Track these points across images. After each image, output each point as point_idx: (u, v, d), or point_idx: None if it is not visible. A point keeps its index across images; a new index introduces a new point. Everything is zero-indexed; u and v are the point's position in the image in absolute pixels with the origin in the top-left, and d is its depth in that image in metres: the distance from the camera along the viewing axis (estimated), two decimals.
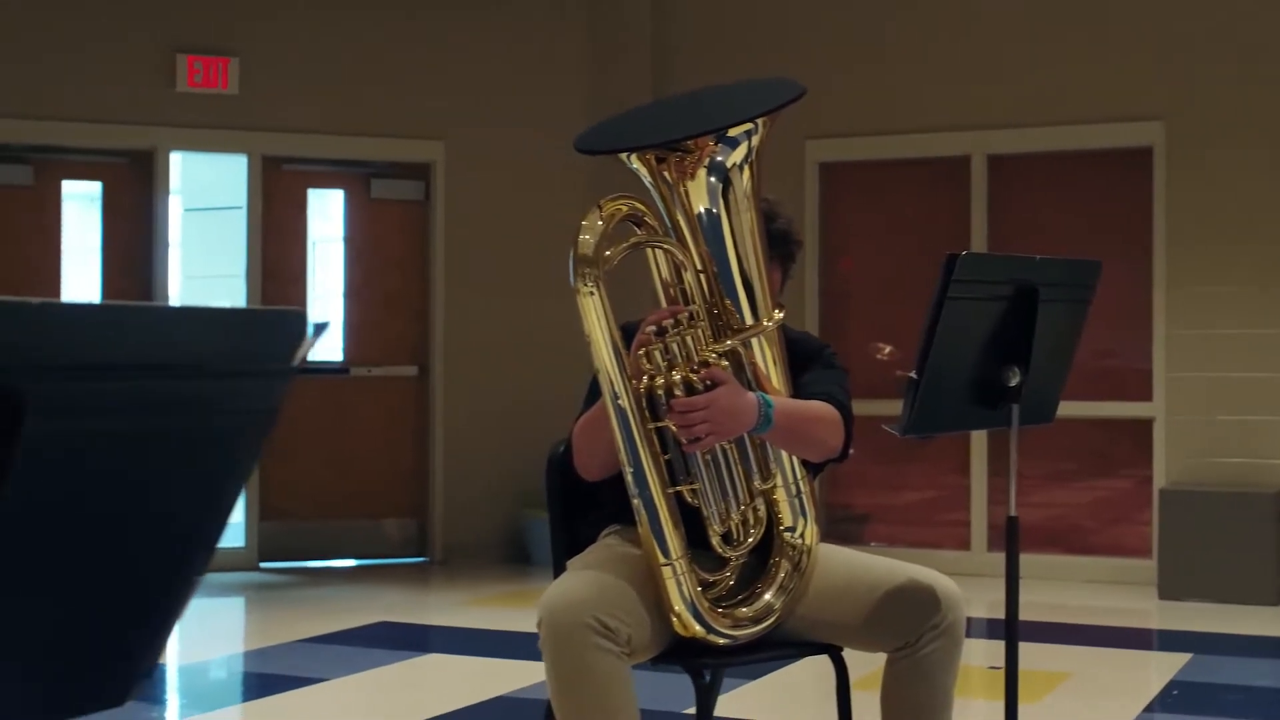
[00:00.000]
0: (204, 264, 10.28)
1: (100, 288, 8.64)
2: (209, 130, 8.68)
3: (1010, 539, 3.27)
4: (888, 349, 8.77)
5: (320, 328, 1.14)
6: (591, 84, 9.15)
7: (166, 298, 8.69)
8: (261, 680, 5.84)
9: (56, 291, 8.66)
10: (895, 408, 3.30)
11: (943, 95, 8.59)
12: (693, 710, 3.29)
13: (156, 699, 5.44)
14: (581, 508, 3.44)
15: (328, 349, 8.97)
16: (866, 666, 3.30)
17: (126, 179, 8.67)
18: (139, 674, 1.18)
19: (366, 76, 8.81)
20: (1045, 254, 3.51)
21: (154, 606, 1.13)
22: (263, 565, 8.57)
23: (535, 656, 2.97)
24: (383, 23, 8.89)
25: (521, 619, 7.00)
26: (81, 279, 8.72)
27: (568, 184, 8.67)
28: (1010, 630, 3.29)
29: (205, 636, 6.71)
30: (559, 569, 3.30)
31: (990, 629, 6.66)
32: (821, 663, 3.25)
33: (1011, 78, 8.48)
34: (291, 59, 8.72)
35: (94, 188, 8.80)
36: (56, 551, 0.98)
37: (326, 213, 9.76)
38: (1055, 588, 7.77)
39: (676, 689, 4.10)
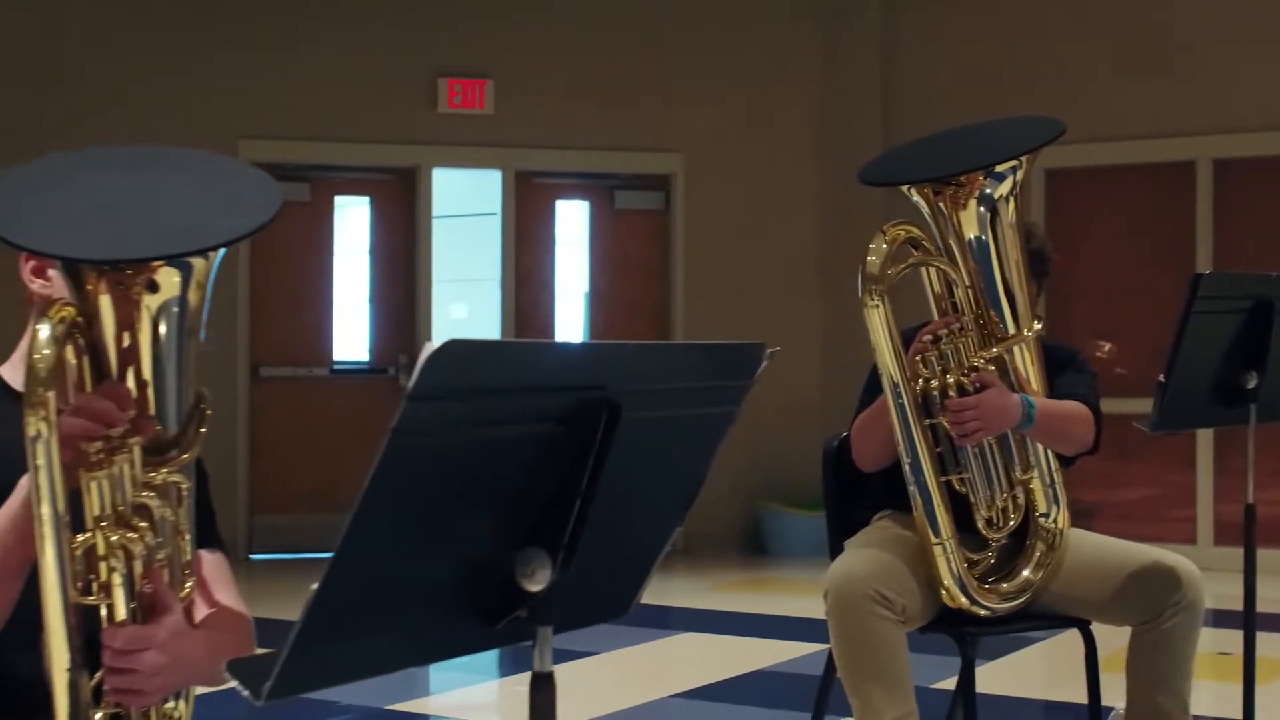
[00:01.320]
0: (457, 269, 10.95)
1: (369, 292, 9.39)
2: (467, 148, 9.36)
3: (1248, 524, 3.64)
4: (1107, 347, 9.02)
5: (772, 352, 1.63)
6: (824, 100, 9.61)
7: (429, 302, 9.37)
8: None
9: (329, 295, 9.42)
10: (1117, 405, 3.71)
11: (1167, 102, 8.82)
12: (946, 684, 3.72)
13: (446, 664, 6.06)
14: (854, 495, 3.89)
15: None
16: (1114, 642, 3.68)
17: (392, 194, 9.40)
18: (638, 595, 1.69)
19: (610, 95, 9.39)
20: (1271, 256, 3.92)
21: (656, 546, 1.65)
22: None
23: (782, 636, 3.44)
24: (626, 44, 9.45)
25: (762, 603, 7.52)
26: (351, 284, 9.49)
27: (799, 194, 9.15)
28: (1248, 605, 3.64)
29: None
30: (835, 550, 3.75)
31: (1217, 619, 6.90)
32: (1070, 637, 3.65)
33: (1235, 83, 8.67)
34: (542, 80, 9.33)
35: (363, 202, 9.55)
36: (630, 497, 1.50)
37: (572, 222, 10.35)
38: None
39: (929, 667, 4.52)
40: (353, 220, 9.63)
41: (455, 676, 6.04)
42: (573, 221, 10.22)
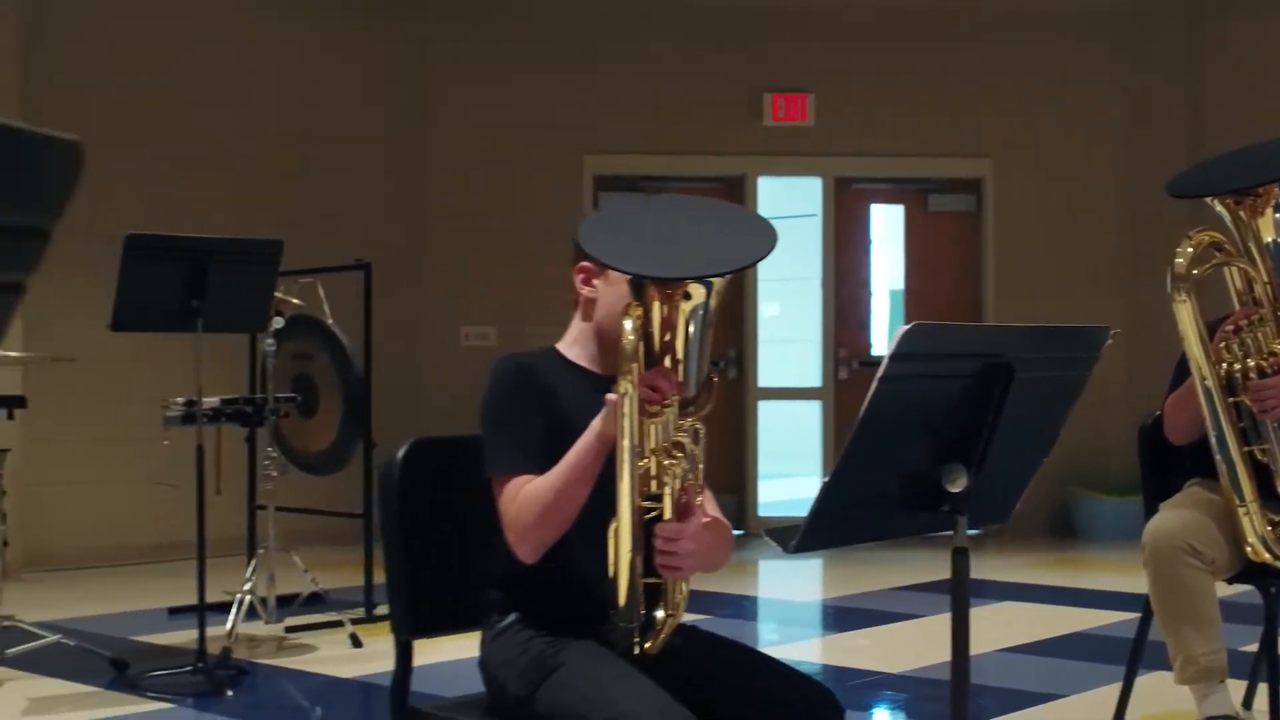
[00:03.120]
0: (778, 268, 11.72)
1: None
2: (790, 157, 10.14)
3: None
4: None
5: (1114, 334, 2.33)
6: (1129, 106, 10.06)
7: (755, 299, 10.17)
8: (869, 615, 7.15)
9: None
10: None
11: None
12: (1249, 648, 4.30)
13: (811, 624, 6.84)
14: (1167, 466, 4.50)
15: (886, 346, 10.27)
16: None
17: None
18: (1015, 506, 2.43)
19: (924, 104, 10.04)
20: None
21: (1030, 470, 2.39)
22: None
23: (1096, 605, 4.05)
24: (938, 56, 10.08)
25: (1076, 579, 8.06)
26: None
27: (1104, 196, 9.64)
28: None
29: (796, 584, 8.14)
30: (1150, 511, 4.37)
31: None
32: None
33: None
34: (859, 92, 10.04)
35: (678, 196, 10.40)
36: (1017, 432, 2.24)
37: (886, 224, 11.02)
38: None
39: (1232, 634, 5.07)
40: None
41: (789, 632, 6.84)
42: (887, 223, 10.89)
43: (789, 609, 7.89)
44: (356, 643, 6.03)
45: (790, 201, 11.05)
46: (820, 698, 2.55)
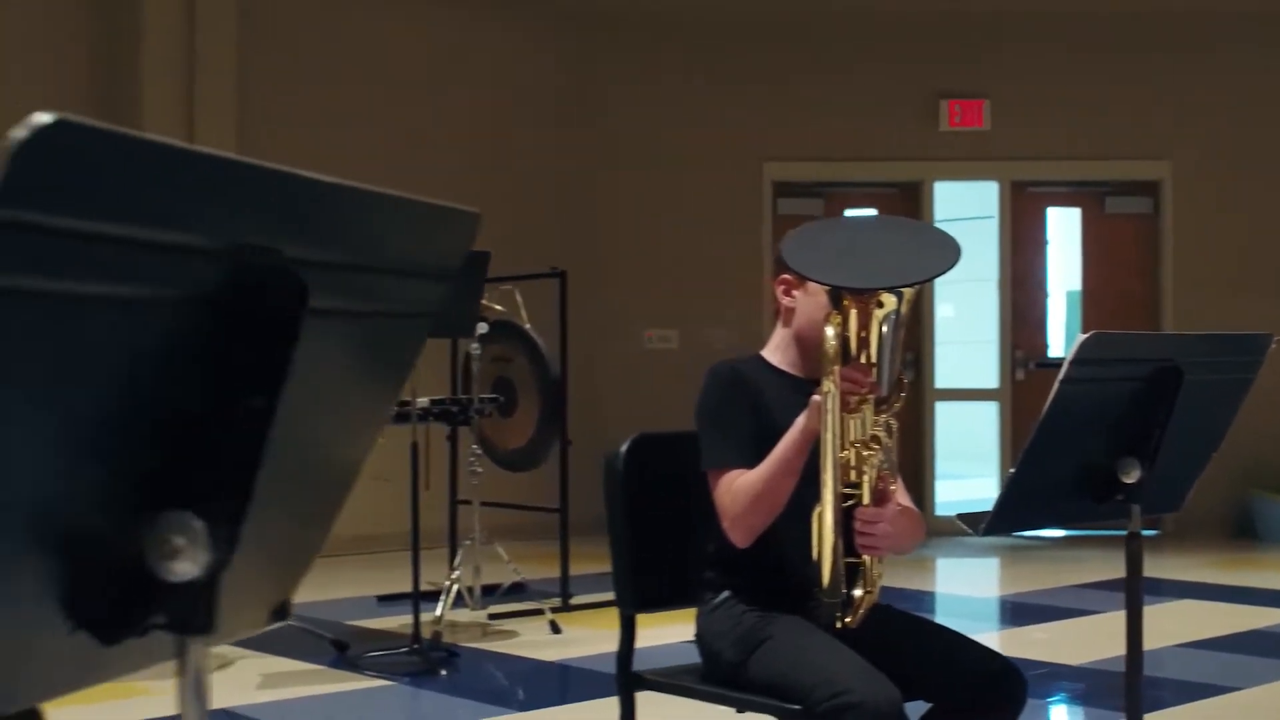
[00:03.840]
0: (956, 270, 11.87)
1: None
2: (966, 162, 10.30)
3: None
4: None
5: (1277, 341, 2.56)
6: None
7: (932, 301, 10.36)
8: (1046, 611, 7.32)
9: None
10: None
11: None
12: None
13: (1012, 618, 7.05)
14: None
15: (1063, 346, 10.36)
16: None
17: (897, 205, 10.45)
18: (1187, 496, 2.66)
19: (1099, 107, 10.13)
20: None
21: (1200, 463, 2.63)
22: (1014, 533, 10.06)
23: (1277, 604, 4.19)
24: (1112, 60, 10.16)
25: (1256, 578, 8.11)
26: None
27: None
28: None
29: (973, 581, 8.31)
30: None
31: None
32: None
33: None
34: (1035, 98, 10.17)
35: (870, 213, 10.63)
36: (1186, 429, 2.48)
37: (1063, 226, 11.10)
38: None
39: None
40: None
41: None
42: (1063, 225, 10.98)
43: (966, 604, 8.08)
44: (556, 629, 6.41)
45: (966, 203, 11.19)
46: (1004, 669, 2.81)
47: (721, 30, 10.33)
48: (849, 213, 10.67)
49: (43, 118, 0.78)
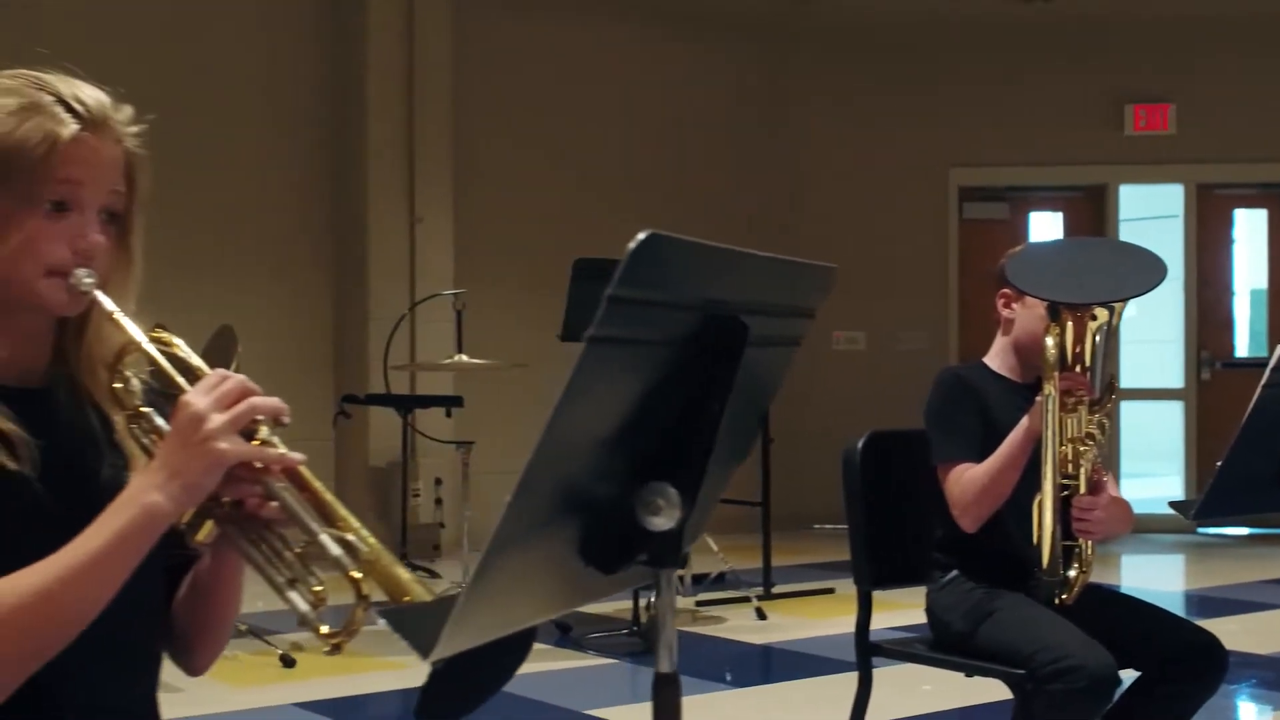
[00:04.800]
0: None
1: None
2: (1151, 166, 10.47)
3: None
4: None
5: None
6: None
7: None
8: (1236, 604, 7.51)
9: None
10: None
11: None
12: None
13: None
14: None
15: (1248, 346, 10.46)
16: None
17: (1082, 209, 10.66)
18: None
19: None
20: None
21: None
22: (1199, 531, 10.19)
23: None
24: None
25: None
26: None
27: None
28: None
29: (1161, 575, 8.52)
30: None
31: None
32: None
33: None
34: (1220, 101, 10.29)
35: (1056, 218, 10.86)
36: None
37: (1249, 227, 11.17)
38: None
39: None
40: (1045, 231, 10.93)
41: None
42: (1249, 226, 11.05)
43: (1155, 597, 8.16)
44: (761, 615, 6.81)
45: (1150, 202, 11.31)
46: (1208, 642, 3.15)
47: (907, 40, 10.62)
48: (1034, 215, 10.91)
49: (642, 234, 1.22)
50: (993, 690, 3.73)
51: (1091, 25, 10.35)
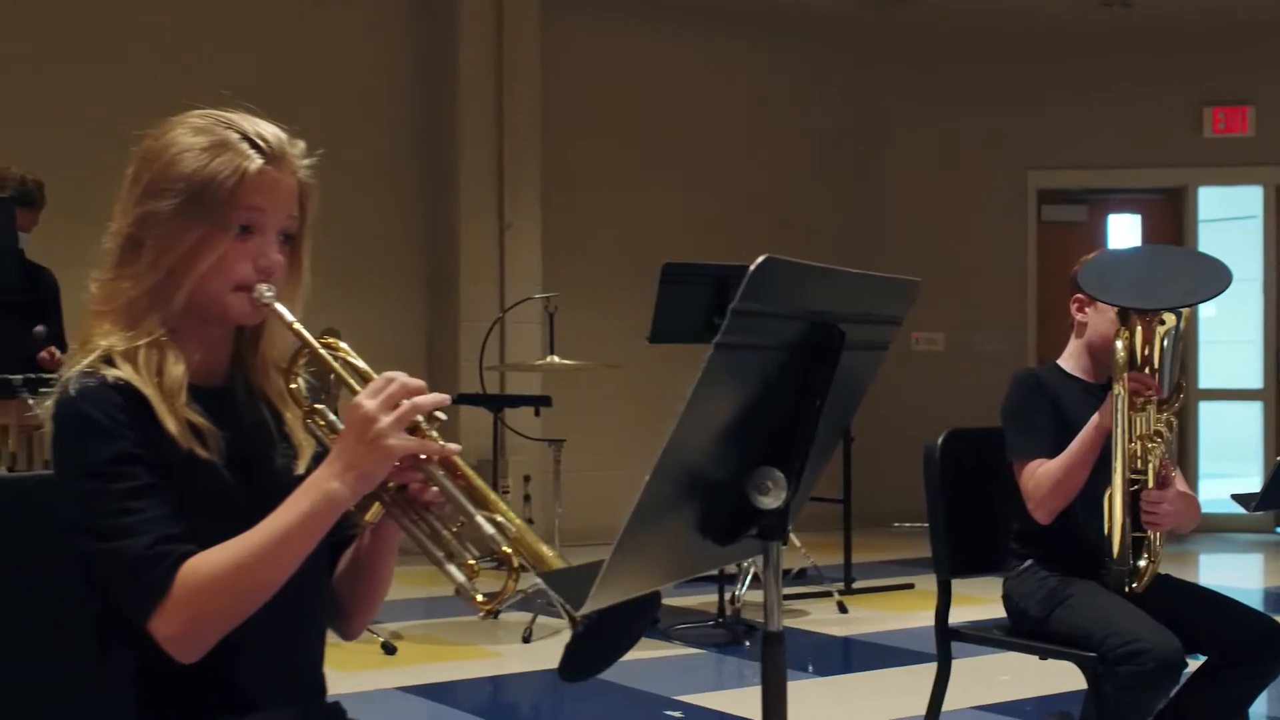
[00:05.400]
0: None
1: None
2: (1229, 168, 10.54)
3: None
4: None
5: None
6: None
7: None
8: None
9: None
10: None
11: None
12: None
13: None
14: None
15: None
16: None
17: (1161, 210, 10.75)
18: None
19: None
20: None
21: None
22: (1278, 530, 10.26)
23: None
24: None
25: None
26: None
27: None
28: None
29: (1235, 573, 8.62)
30: None
31: None
32: None
33: None
34: None
35: (1134, 220, 10.96)
36: None
37: None
38: None
39: None
40: (1125, 234, 11.04)
41: None
42: None
43: (1231, 594, 8.37)
44: (843, 609, 7.01)
45: (1228, 203, 11.36)
46: (1271, 629, 3.32)
47: (988, 44, 10.77)
48: (1112, 218, 11.02)
49: (761, 258, 1.45)
50: (1066, 680, 3.93)
51: (1170, 28, 10.43)
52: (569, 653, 1.60)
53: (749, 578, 6.99)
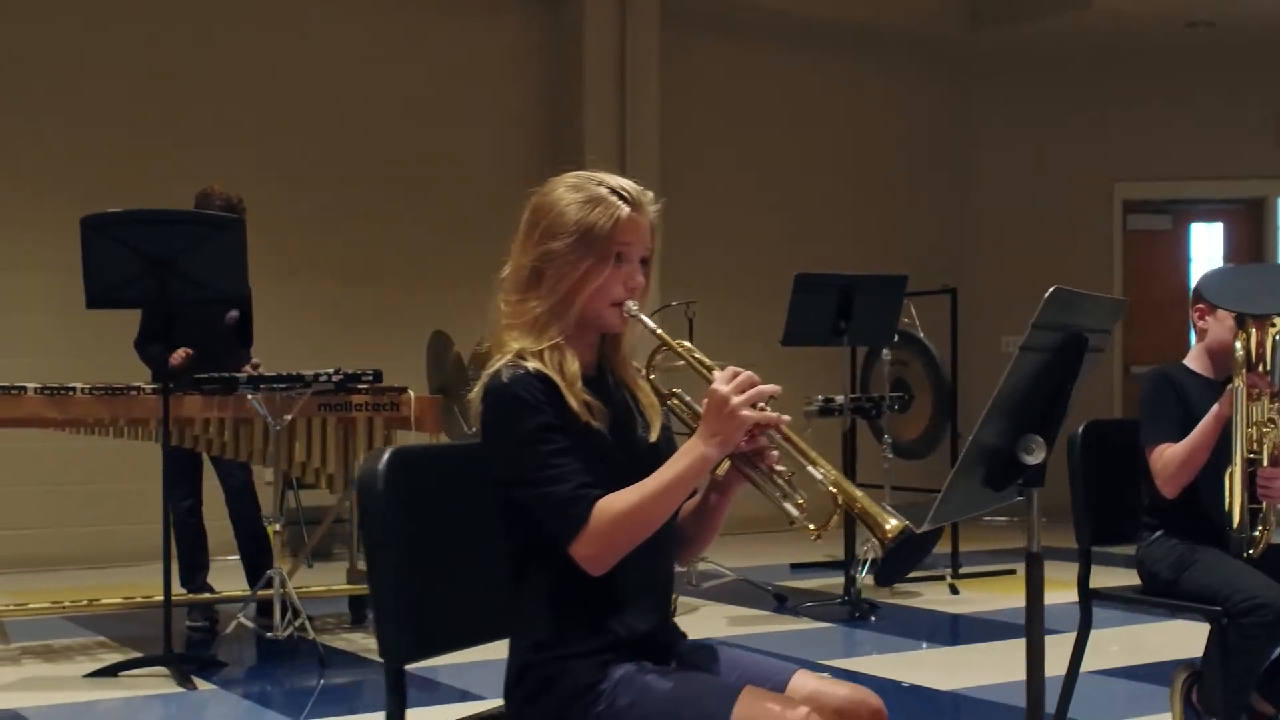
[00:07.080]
0: None
1: None
2: None
3: None
4: None
5: None
6: None
7: None
8: None
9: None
10: None
11: None
12: None
13: None
14: None
15: None
16: None
17: (1242, 220, 11.27)
18: None
19: None
20: None
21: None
22: None
23: None
24: None
25: None
26: None
27: None
28: None
29: None
30: None
31: None
32: None
33: None
34: None
35: (1216, 229, 11.48)
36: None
37: None
38: None
39: None
40: (1207, 242, 11.57)
41: None
42: None
43: None
44: (954, 590, 7.61)
45: None
46: None
47: (1075, 63, 11.32)
48: (1195, 227, 11.55)
49: (1051, 289, 2.10)
50: (1168, 648, 4.46)
51: (1252, 42, 10.91)
52: (883, 566, 2.24)
53: (868, 563, 7.61)
